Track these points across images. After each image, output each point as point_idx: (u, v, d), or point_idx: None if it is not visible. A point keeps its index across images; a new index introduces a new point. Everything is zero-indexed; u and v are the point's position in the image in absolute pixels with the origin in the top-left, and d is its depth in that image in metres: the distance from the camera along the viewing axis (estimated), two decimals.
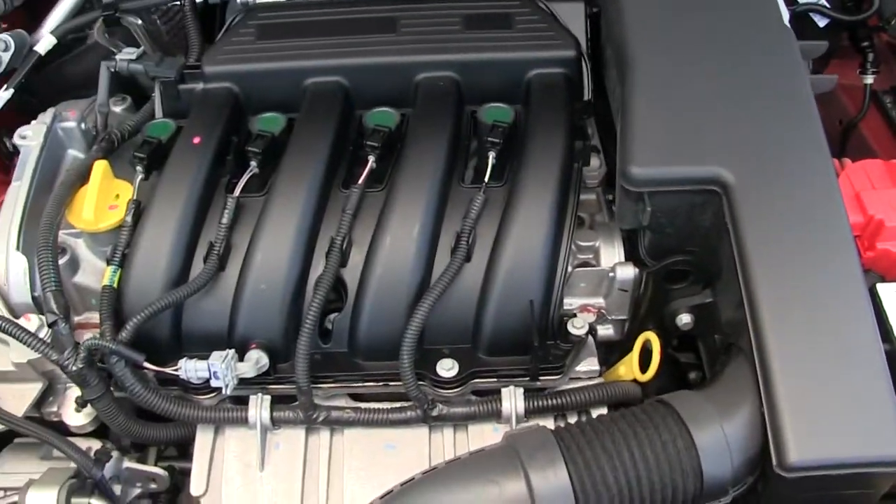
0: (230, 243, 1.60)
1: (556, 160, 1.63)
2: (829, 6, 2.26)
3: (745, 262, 1.39)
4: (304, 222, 1.59)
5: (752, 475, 1.33)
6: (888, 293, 1.47)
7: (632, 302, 1.69)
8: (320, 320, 1.57)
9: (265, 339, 1.56)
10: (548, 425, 1.49)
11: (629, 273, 1.65)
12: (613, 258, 1.69)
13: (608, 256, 1.70)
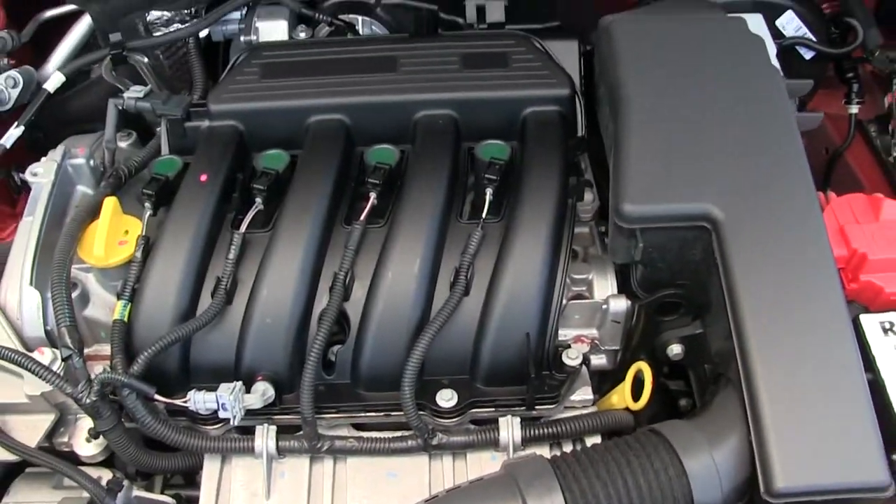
0: (237, 278, 1.62)
1: (551, 196, 1.66)
2: (815, 39, 2.30)
3: (734, 295, 1.41)
4: (308, 258, 1.62)
5: (741, 501, 1.35)
6: (871, 324, 1.48)
7: (624, 333, 1.71)
8: (324, 353, 1.58)
9: (271, 371, 1.58)
10: (544, 453, 1.54)
11: (622, 305, 1.66)
12: (606, 291, 1.70)
13: (601, 289, 1.71)
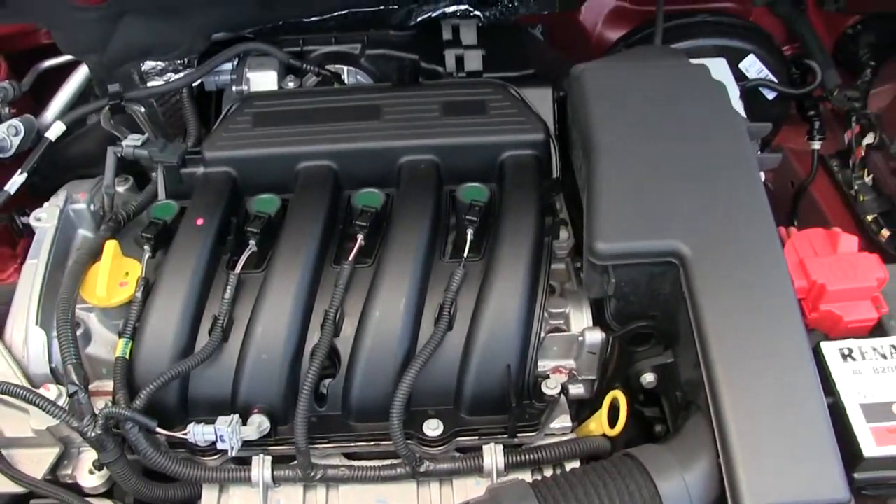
0: (232, 316, 1.65)
1: (528, 236, 1.69)
2: (777, 81, 2.37)
3: (701, 327, 1.45)
4: (300, 296, 1.65)
5: None
6: (831, 351, 1.51)
7: (600, 363, 1.74)
8: (316, 386, 1.62)
9: (266, 404, 1.61)
10: (526, 478, 1.56)
11: (597, 337, 1.70)
12: (582, 324, 1.74)
13: (578, 322, 1.74)
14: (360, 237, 1.73)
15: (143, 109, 2.09)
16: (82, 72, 2.20)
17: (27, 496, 1.68)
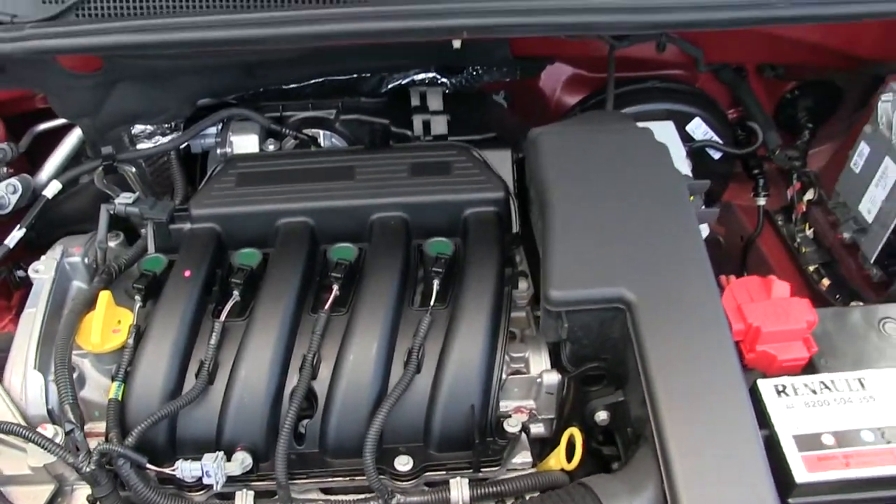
0: (217, 361, 1.71)
1: (490, 286, 1.77)
2: (721, 142, 2.46)
3: (646, 367, 1.50)
4: (280, 342, 1.71)
5: None
6: (767, 387, 1.55)
7: (558, 403, 1.78)
8: (295, 425, 1.67)
9: (249, 442, 1.66)
10: None
11: (554, 379, 1.75)
12: (541, 366, 1.79)
13: (536, 365, 1.79)
14: (336, 287, 1.79)
15: (134, 170, 2.16)
16: (75, 134, 2.26)
17: None
